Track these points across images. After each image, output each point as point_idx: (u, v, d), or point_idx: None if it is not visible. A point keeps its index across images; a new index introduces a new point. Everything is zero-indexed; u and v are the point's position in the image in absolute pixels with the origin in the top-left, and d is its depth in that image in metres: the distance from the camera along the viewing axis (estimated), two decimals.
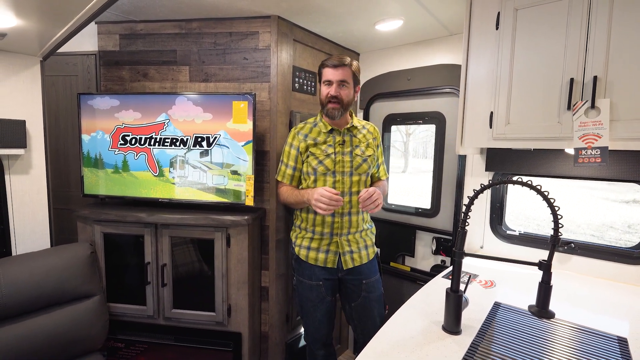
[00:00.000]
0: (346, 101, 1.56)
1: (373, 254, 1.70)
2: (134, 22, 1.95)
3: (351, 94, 1.58)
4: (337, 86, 1.53)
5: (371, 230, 1.73)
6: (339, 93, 1.54)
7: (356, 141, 1.63)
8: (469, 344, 1.04)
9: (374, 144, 1.68)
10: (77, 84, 2.10)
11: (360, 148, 1.62)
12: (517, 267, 1.65)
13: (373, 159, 1.65)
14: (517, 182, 1.01)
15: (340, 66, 1.52)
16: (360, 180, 1.62)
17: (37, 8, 1.13)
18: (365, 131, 1.67)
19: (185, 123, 1.79)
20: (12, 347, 1.43)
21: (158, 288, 1.80)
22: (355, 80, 1.58)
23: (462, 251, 1.07)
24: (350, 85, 1.56)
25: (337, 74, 1.53)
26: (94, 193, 1.91)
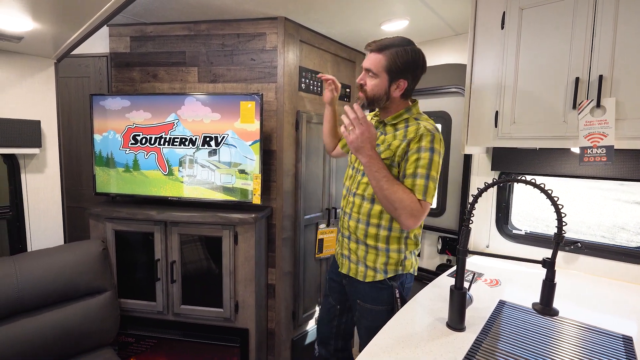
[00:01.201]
0: (370, 94, 1.28)
1: (371, 279, 1.34)
2: (144, 24, 1.99)
3: (379, 86, 1.26)
4: (364, 74, 1.29)
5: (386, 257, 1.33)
6: (363, 81, 1.29)
7: (381, 139, 1.32)
8: (472, 340, 1.05)
9: (403, 147, 1.24)
10: (89, 85, 2.16)
11: (379, 148, 1.30)
12: (523, 266, 1.66)
13: (389, 164, 1.27)
14: (520, 180, 1.02)
15: (372, 52, 1.26)
16: (369, 184, 1.31)
17: (53, 12, 1.17)
18: (402, 130, 1.29)
19: (194, 123, 1.82)
20: (27, 340, 1.48)
21: (167, 284, 1.84)
22: (391, 71, 1.23)
23: (466, 249, 1.08)
24: (380, 77, 1.25)
25: (365, 61, 1.28)
26: (106, 191, 1.95)
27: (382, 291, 1.35)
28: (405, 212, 1.18)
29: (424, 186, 1.19)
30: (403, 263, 1.34)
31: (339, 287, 1.48)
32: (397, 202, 1.18)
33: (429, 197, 1.20)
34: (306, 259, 2.14)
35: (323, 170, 2.20)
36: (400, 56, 1.22)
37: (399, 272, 1.34)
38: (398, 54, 1.22)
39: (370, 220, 1.32)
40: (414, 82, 1.28)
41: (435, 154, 1.20)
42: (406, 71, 1.24)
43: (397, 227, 1.30)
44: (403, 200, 1.18)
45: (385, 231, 1.31)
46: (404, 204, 1.18)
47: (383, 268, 1.33)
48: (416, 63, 1.24)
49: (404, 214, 1.19)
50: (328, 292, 1.54)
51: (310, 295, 2.21)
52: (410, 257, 1.36)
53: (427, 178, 1.19)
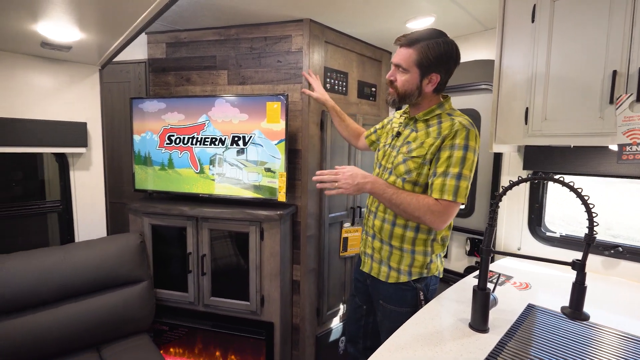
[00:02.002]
0: (402, 90, 1.23)
1: (394, 280, 1.32)
2: (178, 31, 2.11)
3: (410, 82, 1.22)
4: (394, 69, 1.25)
5: (411, 259, 1.30)
6: (393, 77, 1.25)
7: (412, 136, 1.27)
8: (495, 342, 1.02)
9: (437, 144, 1.19)
10: (129, 89, 2.32)
11: (410, 145, 1.25)
12: (557, 270, 1.58)
13: (421, 162, 1.22)
14: (545, 177, 0.98)
15: (402, 46, 1.21)
16: (395, 183, 1.27)
17: (98, 22, 1.29)
18: (435, 127, 1.23)
19: (223, 123, 1.91)
20: (74, 323, 1.63)
21: (198, 276, 1.94)
22: (422, 66, 1.19)
23: (490, 249, 1.06)
24: (411, 72, 1.20)
25: (395, 56, 1.24)
26: (144, 188, 2.09)
27: (406, 293, 1.32)
28: (428, 217, 1.17)
29: (454, 187, 1.15)
30: (428, 266, 1.31)
31: (364, 287, 1.47)
32: (416, 211, 1.18)
33: (459, 197, 1.15)
34: (331, 257, 2.16)
35: None
36: (432, 49, 1.16)
37: (424, 275, 1.32)
38: (429, 47, 1.16)
39: (396, 220, 1.29)
40: (447, 75, 1.23)
41: (469, 152, 1.15)
42: (439, 65, 1.18)
43: (425, 228, 1.27)
44: (420, 208, 1.17)
45: (412, 232, 1.28)
46: (423, 211, 1.17)
47: (407, 270, 1.30)
48: (449, 55, 1.19)
49: (428, 218, 1.17)
50: (354, 292, 1.54)
51: (334, 293, 2.23)
52: (436, 260, 1.34)
53: (459, 178, 1.15)
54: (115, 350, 1.70)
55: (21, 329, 1.51)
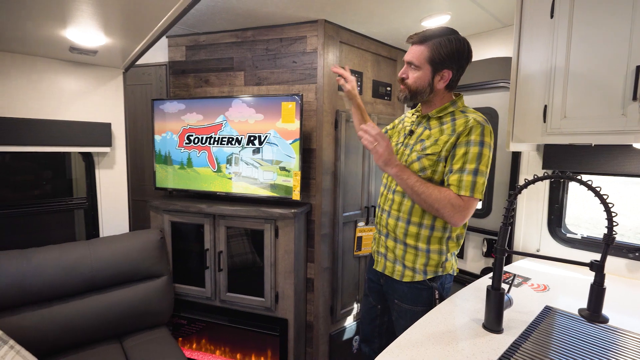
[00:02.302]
0: (413, 87, 1.25)
1: (409, 279, 1.32)
2: (197, 34, 2.18)
3: (422, 78, 1.23)
4: (406, 67, 1.27)
5: (426, 258, 1.30)
6: (405, 74, 1.27)
7: (426, 134, 1.28)
8: (509, 343, 1.01)
9: (452, 141, 1.20)
10: (151, 91, 2.41)
11: (424, 143, 1.26)
12: (576, 272, 1.54)
13: (436, 160, 1.23)
14: (565, 176, 0.96)
15: (414, 44, 1.23)
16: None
17: (122, 27, 1.35)
18: (449, 124, 1.24)
19: (239, 123, 1.95)
20: (98, 314, 1.71)
21: (215, 272, 1.99)
22: (434, 62, 1.20)
23: (504, 248, 1.05)
24: (423, 69, 1.22)
25: (407, 54, 1.26)
26: (164, 186, 2.17)
27: (422, 292, 1.32)
28: (447, 211, 1.17)
29: (471, 182, 1.15)
30: (443, 265, 1.31)
31: (378, 287, 1.47)
32: (436, 202, 1.17)
33: (477, 193, 1.16)
34: (344, 255, 2.17)
35: (362, 169, 2.22)
36: (444, 46, 1.18)
37: (439, 274, 1.31)
38: (441, 44, 1.18)
39: (411, 218, 1.29)
40: (459, 72, 1.24)
41: (485, 148, 1.16)
42: (450, 61, 1.20)
43: (440, 226, 1.27)
44: (441, 200, 1.16)
45: (427, 230, 1.28)
46: (443, 203, 1.16)
47: (422, 269, 1.30)
48: (461, 52, 1.20)
49: (447, 212, 1.17)
50: (367, 291, 1.53)
51: (348, 291, 2.24)
52: (450, 258, 1.33)
53: (476, 174, 1.15)
54: (136, 341, 1.77)
55: (50, 318, 1.59)
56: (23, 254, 1.61)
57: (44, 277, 1.60)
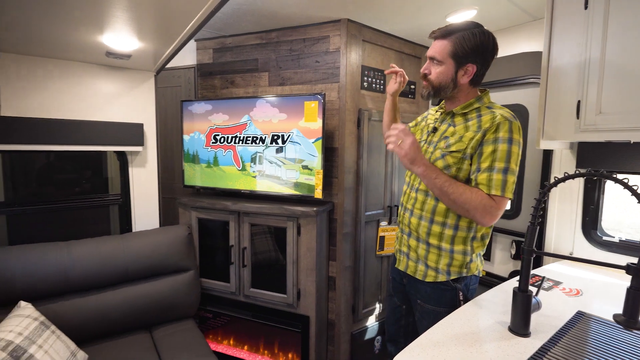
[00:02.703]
0: (436, 83, 1.22)
1: (432, 279, 1.29)
2: (224, 37, 2.24)
3: (445, 73, 1.20)
4: (428, 62, 1.24)
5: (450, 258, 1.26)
6: (427, 70, 1.24)
7: (450, 131, 1.25)
8: (537, 347, 0.97)
9: (478, 138, 1.16)
10: (180, 93, 2.51)
11: (448, 140, 1.23)
12: (613, 277, 1.46)
13: (461, 157, 1.19)
14: (598, 174, 0.92)
15: (437, 39, 1.21)
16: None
17: (153, 32, 1.42)
18: (474, 120, 1.20)
19: (263, 123, 2.00)
20: (130, 304, 1.80)
21: (239, 268, 2.04)
22: (457, 56, 1.18)
23: (532, 249, 1.01)
24: (446, 64, 1.19)
25: (430, 49, 1.24)
26: (192, 184, 2.25)
27: (445, 292, 1.29)
28: (479, 212, 1.13)
29: (501, 181, 1.11)
30: (468, 266, 1.27)
31: (401, 287, 1.45)
32: (466, 203, 1.13)
33: (507, 192, 1.12)
34: (367, 255, 2.17)
35: (385, 168, 2.20)
36: (467, 40, 1.15)
37: (463, 275, 1.28)
38: (465, 38, 1.15)
39: (434, 217, 1.26)
40: (483, 67, 1.20)
41: (514, 145, 1.12)
42: (475, 55, 1.16)
43: (464, 225, 1.24)
44: (472, 200, 1.13)
45: (451, 230, 1.24)
46: (474, 204, 1.13)
47: (446, 269, 1.27)
48: (485, 46, 1.16)
49: (478, 213, 1.14)
50: (392, 291, 1.52)
51: (370, 291, 2.22)
52: (476, 259, 1.29)
53: (505, 172, 1.12)
54: (165, 332, 1.85)
55: (87, 307, 1.70)
56: (64, 246, 1.73)
57: (82, 268, 1.71)
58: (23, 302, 1.48)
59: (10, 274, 1.54)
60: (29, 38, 1.46)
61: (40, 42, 1.51)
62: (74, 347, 1.49)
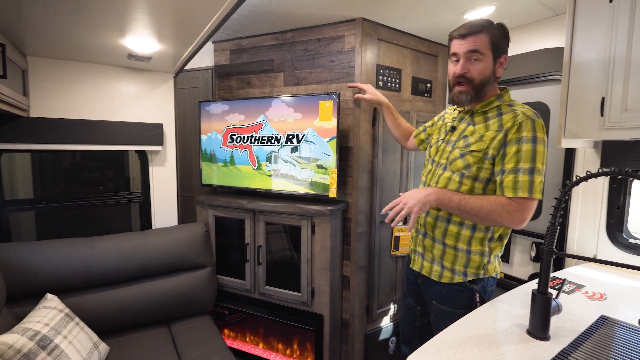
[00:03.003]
0: (478, 80, 1.15)
1: (447, 280, 1.27)
2: (240, 38, 2.28)
3: (487, 68, 1.15)
4: (465, 61, 1.15)
5: (467, 259, 1.24)
6: (467, 70, 1.15)
7: (470, 130, 1.22)
8: (556, 352, 0.94)
9: (500, 138, 1.13)
10: (198, 94, 2.57)
11: (468, 139, 1.20)
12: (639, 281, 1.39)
13: (481, 157, 1.16)
14: (621, 172, 0.88)
15: (470, 35, 1.14)
16: (451, 179, 1.22)
17: (173, 34, 1.46)
18: (495, 119, 1.17)
19: (279, 122, 2.02)
20: (150, 299, 1.85)
21: (255, 266, 2.07)
22: (495, 49, 1.15)
23: (551, 250, 0.98)
24: (487, 57, 1.14)
25: (466, 44, 1.14)
26: (209, 183, 2.30)
27: (461, 294, 1.27)
28: (504, 219, 1.12)
29: (528, 182, 1.08)
30: (485, 267, 1.25)
31: (416, 287, 1.43)
32: (490, 214, 1.12)
33: (535, 193, 1.09)
34: (381, 255, 2.15)
35: (400, 167, 2.18)
36: (500, 30, 1.16)
37: (480, 276, 1.26)
38: (498, 29, 1.15)
39: (451, 217, 1.24)
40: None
41: (538, 144, 1.09)
42: (506, 45, 1.18)
43: (482, 226, 1.21)
44: (494, 210, 1.11)
45: (468, 230, 1.22)
46: (497, 212, 1.11)
47: (462, 270, 1.25)
48: (509, 37, 1.19)
49: (505, 220, 1.12)
50: (406, 292, 1.50)
51: (385, 292, 2.21)
52: (493, 260, 1.27)
53: (532, 172, 1.09)
54: (182, 327, 1.90)
55: (109, 300, 1.76)
56: (88, 241, 1.80)
57: (104, 263, 1.77)
58: (50, 295, 1.55)
59: (38, 267, 1.62)
60: (56, 42, 1.53)
61: (67, 46, 1.58)
62: (96, 338, 1.55)
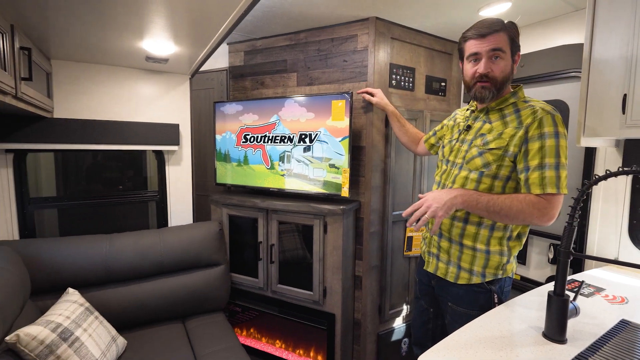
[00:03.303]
0: (501, 78, 1.16)
1: (465, 281, 1.25)
2: (254, 39, 2.31)
3: (508, 65, 1.17)
4: (487, 60, 1.15)
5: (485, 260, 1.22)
6: (490, 69, 1.16)
7: (487, 128, 1.21)
8: (573, 355, 0.92)
9: (520, 135, 1.12)
10: (213, 94, 2.61)
11: (485, 137, 1.19)
12: None
13: (501, 154, 1.15)
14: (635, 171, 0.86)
15: (491, 34, 1.13)
16: (468, 178, 1.21)
17: (188, 36, 1.49)
18: (513, 116, 1.17)
19: (292, 122, 2.03)
20: (165, 295, 1.90)
21: (267, 264, 2.09)
22: (514, 47, 1.17)
23: (568, 250, 0.96)
24: (507, 55, 1.16)
25: (487, 44, 1.14)
26: (223, 182, 2.33)
27: (479, 295, 1.25)
28: (534, 217, 1.11)
29: (555, 177, 1.09)
30: (504, 267, 1.23)
31: (429, 289, 1.41)
32: (520, 213, 1.11)
33: (562, 188, 1.10)
34: (394, 255, 2.14)
35: (414, 167, 2.16)
36: (515, 27, 1.17)
37: (499, 276, 1.24)
38: (513, 27, 1.17)
39: (469, 217, 1.22)
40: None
41: (561, 138, 1.10)
42: (518, 41, 1.19)
43: (501, 225, 1.20)
44: (524, 209, 1.10)
45: (487, 230, 1.21)
46: (528, 211, 1.10)
47: (481, 271, 1.23)
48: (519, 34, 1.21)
49: (535, 219, 1.11)
50: (418, 294, 1.48)
51: (397, 292, 2.19)
52: (512, 260, 1.25)
53: (557, 168, 1.09)
54: (197, 323, 1.94)
55: (126, 296, 1.81)
56: (107, 238, 1.86)
57: (123, 259, 1.82)
58: (71, 289, 1.61)
59: (60, 263, 1.68)
60: (78, 46, 1.59)
61: (88, 49, 1.64)
62: (114, 332, 1.60)
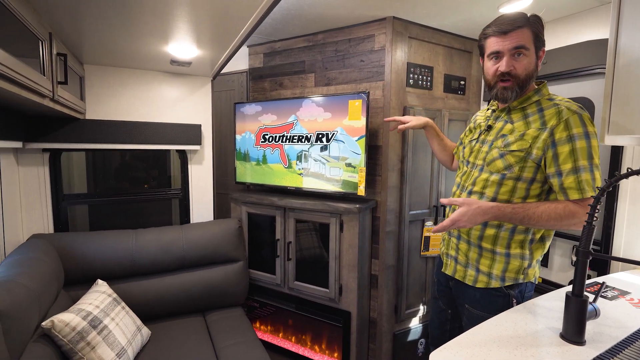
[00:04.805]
0: (524, 76, 1.10)
1: (483, 285, 1.21)
2: (273, 41, 2.36)
3: (532, 62, 1.10)
4: (509, 58, 1.10)
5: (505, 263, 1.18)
6: (512, 67, 1.10)
7: (508, 128, 1.16)
8: (591, 357, 0.90)
9: (544, 137, 1.07)
10: (233, 96, 2.69)
11: (507, 138, 1.14)
12: None
13: (524, 156, 1.10)
14: None
15: (513, 30, 1.08)
16: (489, 180, 1.17)
17: (210, 40, 1.56)
18: (536, 115, 1.11)
19: (309, 122, 2.07)
20: (187, 289, 1.97)
21: (284, 261, 2.13)
22: (538, 43, 1.10)
23: (587, 250, 0.94)
24: (531, 52, 1.10)
25: (509, 41, 1.09)
26: (243, 181, 2.40)
27: (497, 298, 1.21)
28: (573, 225, 1.06)
29: (592, 180, 1.04)
30: (525, 271, 1.19)
31: (447, 290, 1.39)
32: (558, 222, 1.07)
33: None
34: (410, 255, 2.13)
35: (431, 166, 2.15)
36: (539, 22, 1.10)
37: (519, 281, 1.20)
38: (537, 21, 1.10)
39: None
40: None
41: (592, 138, 1.06)
42: (543, 36, 1.12)
43: (522, 228, 1.15)
44: (563, 217, 1.05)
45: (507, 233, 1.17)
46: (568, 219, 1.05)
47: (500, 275, 1.19)
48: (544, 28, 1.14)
49: (573, 226, 1.07)
50: (437, 294, 1.46)
51: (414, 292, 2.18)
52: (535, 265, 1.20)
53: (592, 170, 1.04)
54: (216, 317, 2.00)
55: (150, 289, 1.90)
56: (133, 233, 1.95)
57: (147, 253, 1.91)
58: (100, 280, 1.71)
59: (90, 255, 1.79)
60: (108, 51, 1.69)
61: (117, 54, 1.74)
62: (139, 322, 1.68)
